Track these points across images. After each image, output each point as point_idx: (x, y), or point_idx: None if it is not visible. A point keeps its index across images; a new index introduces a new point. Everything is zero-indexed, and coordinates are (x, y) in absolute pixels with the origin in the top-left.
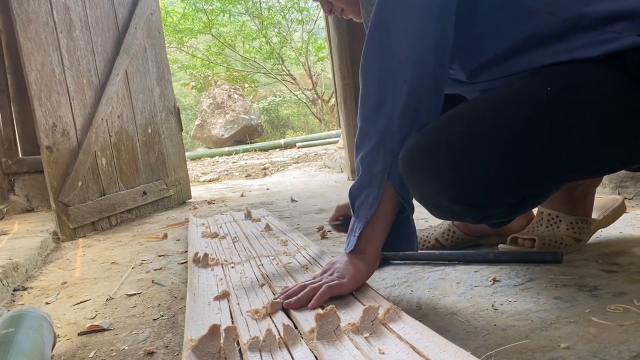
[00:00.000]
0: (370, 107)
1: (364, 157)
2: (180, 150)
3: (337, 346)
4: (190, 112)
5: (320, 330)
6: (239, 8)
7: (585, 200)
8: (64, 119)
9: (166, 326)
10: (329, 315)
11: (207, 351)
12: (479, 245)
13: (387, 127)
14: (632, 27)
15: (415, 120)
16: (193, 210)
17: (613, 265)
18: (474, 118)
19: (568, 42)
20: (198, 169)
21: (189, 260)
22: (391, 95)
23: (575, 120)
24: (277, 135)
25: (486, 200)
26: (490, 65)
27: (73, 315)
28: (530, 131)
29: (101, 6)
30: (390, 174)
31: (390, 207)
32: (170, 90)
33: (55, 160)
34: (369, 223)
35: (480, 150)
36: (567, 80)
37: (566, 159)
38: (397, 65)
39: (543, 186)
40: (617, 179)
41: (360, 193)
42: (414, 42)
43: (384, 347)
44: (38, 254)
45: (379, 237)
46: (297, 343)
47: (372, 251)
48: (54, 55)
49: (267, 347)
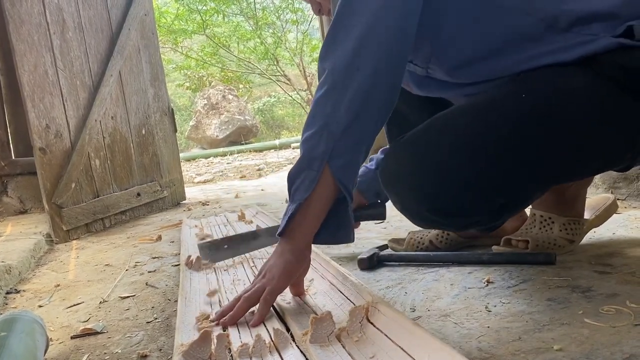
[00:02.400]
0: (322, 91)
1: (307, 139)
2: (174, 151)
3: (328, 350)
4: (184, 113)
5: (314, 334)
6: (233, 9)
7: (577, 201)
8: (57, 121)
9: (160, 329)
10: (325, 320)
11: (197, 357)
12: (473, 247)
13: (334, 111)
14: (608, 28)
15: (363, 110)
16: (187, 211)
17: (606, 266)
18: (449, 128)
19: (546, 44)
20: (193, 170)
21: (182, 264)
22: (341, 81)
23: (550, 129)
24: (272, 135)
25: (465, 208)
26: (468, 65)
27: (66, 318)
28: (506, 140)
29: (94, 7)
30: (331, 159)
31: (326, 192)
32: (164, 91)
33: (49, 162)
34: (302, 205)
35: (456, 159)
36: (544, 88)
37: (544, 166)
38: (352, 53)
39: (522, 193)
40: (610, 180)
41: (298, 175)
42: (373, 30)
43: (375, 349)
44: (31, 256)
45: (311, 222)
46: (287, 346)
47: (302, 237)
48: (47, 56)
49: (257, 352)
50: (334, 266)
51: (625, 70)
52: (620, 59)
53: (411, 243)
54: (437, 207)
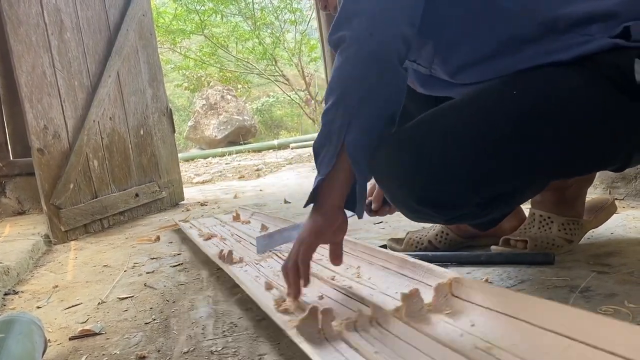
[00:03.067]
0: (339, 62)
1: (326, 112)
2: (172, 151)
3: (427, 322)
4: (183, 113)
5: (407, 310)
6: (231, 9)
7: (577, 201)
8: (55, 121)
9: (158, 330)
10: (414, 296)
11: (309, 331)
12: (472, 247)
13: (350, 82)
14: (605, 29)
15: (379, 80)
16: (186, 212)
17: (604, 266)
18: (439, 122)
19: (544, 45)
20: (191, 170)
21: (216, 259)
22: (356, 49)
23: (543, 126)
24: (271, 136)
25: (453, 200)
26: (469, 67)
27: (64, 320)
28: (495, 133)
29: (92, 8)
30: (347, 133)
31: (347, 164)
32: (163, 92)
33: (47, 163)
34: (325, 180)
35: (444, 151)
36: (541, 86)
37: (535, 163)
38: (366, 20)
39: (511, 186)
40: (608, 179)
41: (322, 149)
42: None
43: (472, 318)
44: (29, 257)
45: (337, 192)
46: (389, 320)
47: (330, 202)
48: (45, 57)
49: (361, 325)
50: (383, 252)
51: (621, 70)
52: (616, 59)
53: (410, 243)
54: (426, 199)
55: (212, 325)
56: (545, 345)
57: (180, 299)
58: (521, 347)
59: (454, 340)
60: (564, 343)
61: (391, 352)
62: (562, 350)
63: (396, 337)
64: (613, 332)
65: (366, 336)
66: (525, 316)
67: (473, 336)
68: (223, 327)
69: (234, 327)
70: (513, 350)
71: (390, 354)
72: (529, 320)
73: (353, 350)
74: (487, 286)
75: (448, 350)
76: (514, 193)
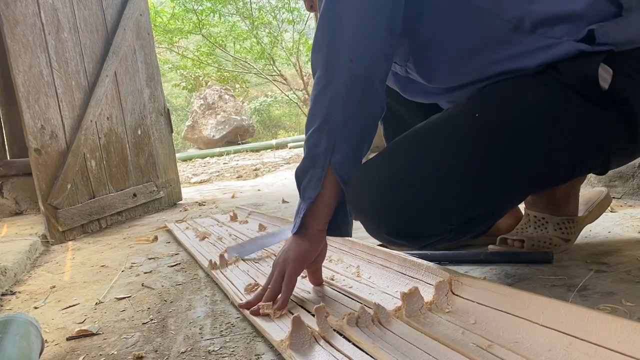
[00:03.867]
0: (319, 87)
1: (309, 137)
2: (170, 151)
3: (428, 321)
4: (181, 113)
5: (408, 309)
6: (229, 8)
7: (570, 200)
8: (53, 121)
9: (156, 330)
10: (414, 295)
11: (301, 341)
12: (469, 246)
13: (332, 107)
14: (571, 31)
15: (361, 102)
16: (184, 212)
17: (602, 265)
18: (404, 150)
19: (512, 47)
20: (189, 170)
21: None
22: (337, 74)
23: (509, 146)
24: (269, 135)
25: (422, 232)
26: (442, 69)
27: (62, 320)
28: (461, 161)
29: (89, 7)
30: (333, 155)
31: (334, 188)
32: (160, 92)
33: (44, 163)
34: (312, 204)
35: (409, 182)
36: (501, 105)
37: (504, 183)
38: (345, 45)
39: (482, 210)
40: (605, 178)
41: (305, 174)
42: (361, 25)
43: (473, 316)
44: (27, 258)
45: (322, 216)
46: (389, 320)
47: (316, 226)
48: (42, 57)
49: (363, 323)
50: (383, 251)
51: (585, 79)
52: (580, 67)
53: None
54: (395, 230)
55: (209, 325)
56: (547, 343)
57: (178, 299)
58: (522, 345)
59: (455, 339)
60: (565, 341)
61: (392, 348)
62: (563, 347)
63: (397, 335)
64: (614, 329)
65: (368, 332)
66: (526, 314)
67: (474, 334)
68: (221, 327)
69: (231, 327)
70: (515, 348)
71: (391, 350)
72: (530, 319)
73: (351, 345)
74: (488, 284)
75: (449, 349)
76: (491, 213)
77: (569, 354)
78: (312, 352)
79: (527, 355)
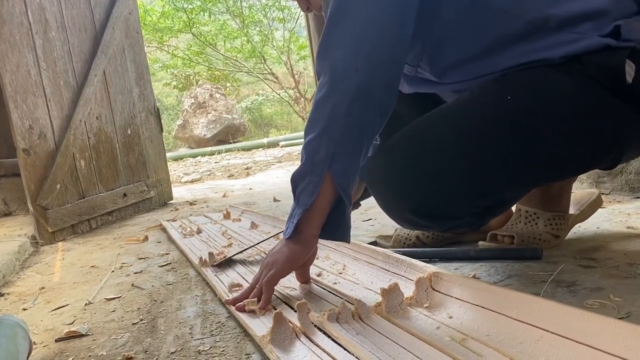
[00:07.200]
0: (322, 94)
1: (308, 143)
2: (160, 151)
3: (406, 316)
4: (172, 112)
5: (388, 304)
6: (219, 7)
7: (562, 197)
8: (41, 121)
9: (145, 330)
10: (394, 291)
11: (283, 337)
12: (460, 243)
13: (334, 115)
14: (595, 27)
15: (363, 112)
16: (175, 211)
17: (590, 260)
18: (432, 132)
19: (533, 43)
20: (180, 170)
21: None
22: (341, 83)
23: (534, 133)
24: (261, 134)
25: (448, 211)
26: (457, 66)
27: (51, 321)
28: (489, 142)
29: (77, 6)
30: (332, 163)
31: (329, 196)
32: (150, 91)
33: (33, 163)
34: (307, 210)
35: (439, 163)
36: (528, 92)
37: (529, 169)
38: (350, 53)
39: (505, 194)
40: (594, 175)
41: (302, 179)
42: (369, 31)
43: (450, 311)
44: (16, 259)
45: (316, 222)
46: (370, 316)
47: (310, 231)
48: (30, 56)
49: (343, 319)
50: (369, 248)
51: (612, 71)
52: (607, 60)
53: (398, 240)
54: (420, 210)
55: (199, 325)
56: (519, 336)
57: (168, 299)
58: (495, 339)
59: (431, 333)
60: (537, 334)
61: (370, 343)
62: (534, 341)
63: (376, 330)
64: (583, 322)
65: (347, 327)
66: (500, 308)
67: (450, 328)
68: (211, 327)
69: (221, 327)
70: (487, 341)
71: (368, 345)
72: (504, 313)
73: (331, 340)
74: (466, 280)
75: (424, 343)
76: (507, 200)
77: (538, 347)
78: (293, 347)
79: (499, 348)
